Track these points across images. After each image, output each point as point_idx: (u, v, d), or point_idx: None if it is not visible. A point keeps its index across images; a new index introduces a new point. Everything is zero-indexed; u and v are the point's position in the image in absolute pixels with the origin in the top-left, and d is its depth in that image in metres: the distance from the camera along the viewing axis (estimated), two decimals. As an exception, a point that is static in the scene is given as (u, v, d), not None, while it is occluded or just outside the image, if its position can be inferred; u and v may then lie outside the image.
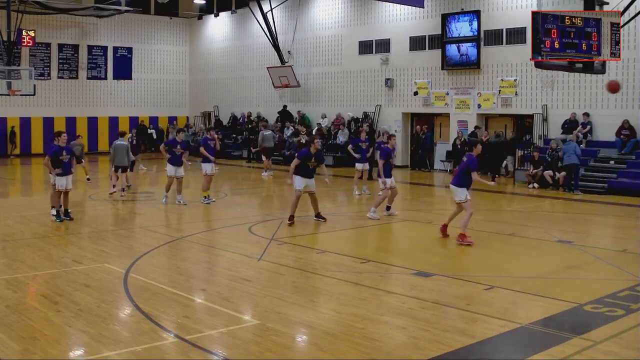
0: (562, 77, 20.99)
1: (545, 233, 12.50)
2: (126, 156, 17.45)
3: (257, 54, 32.37)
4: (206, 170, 16.30)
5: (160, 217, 14.79)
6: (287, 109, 30.13)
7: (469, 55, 23.48)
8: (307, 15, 29.85)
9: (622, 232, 13.19)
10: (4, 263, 9.95)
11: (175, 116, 36.13)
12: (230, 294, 8.42)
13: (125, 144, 17.84)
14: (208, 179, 16.35)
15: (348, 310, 7.62)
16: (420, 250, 11.38)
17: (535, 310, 7.64)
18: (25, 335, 6.72)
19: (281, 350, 6.40)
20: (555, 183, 19.35)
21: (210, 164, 16.32)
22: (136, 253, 10.67)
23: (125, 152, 17.46)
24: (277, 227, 12.95)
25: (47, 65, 32.42)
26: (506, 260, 10.58)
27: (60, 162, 13.25)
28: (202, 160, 16.46)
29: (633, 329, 7.00)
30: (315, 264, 10.08)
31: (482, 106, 23.59)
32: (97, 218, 14.60)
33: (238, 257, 10.40)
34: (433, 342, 6.56)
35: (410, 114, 26.36)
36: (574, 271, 9.83)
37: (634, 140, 19.43)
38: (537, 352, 6.34)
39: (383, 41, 26.60)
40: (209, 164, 16.29)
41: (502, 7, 22.77)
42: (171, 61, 36.66)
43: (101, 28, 33.89)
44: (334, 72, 28.78)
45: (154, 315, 7.34)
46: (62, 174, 13.29)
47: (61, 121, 32.16)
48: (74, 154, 14.53)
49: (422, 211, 15.89)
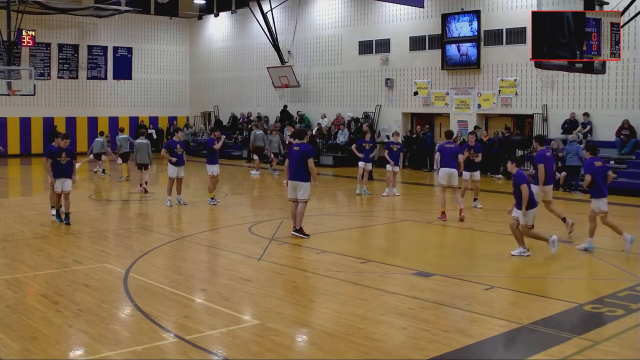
0: (562, 77, 20.98)
1: (545, 233, 12.47)
2: (147, 154, 18.33)
3: (257, 54, 32.37)
4: (212, 171, 16.01)
5: (160, 217, 14.79)
6: (287, 109, 30.14)
7: (469, 55, 23.49)
8: (307, 15, 29.85)
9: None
10: (4, 263, 9.95)
11: (175, 116, 36.13)
12: (230, 294, 8.42)
13: (145, 141, 18.77)
14: (214, 181, 16.10)
15: (348, 310, 7.62)
16: (420, 250, 11.38)
17: (535, 310, 7.64)
18: (25, 335, 6.72)
19: (281, 350, 6.40)
20: (555, 183, 19.32)
21: (216, 165, 16.03)
22: (136, 253, 10.67)
23: (146, 150, 18.39)
24: (277, 227, 12.94)
25: (47, 65, 32.41)
26: (506, 260, 10.57)
27: (58, 164, 12.93)
28: (208, 162, 16.17)
29: (633, 329, 6.99)
30: (315, 264, 10.09)
31: (482, 106, 23.59)
32: (97, 218, 14.60)
33: (238, 257, 10.40)
34: (433, 342, 6.56)
35: (410, 114, 26.36)
36: (574, 271, 9.83)
37: (634, 140, 19.44)
38: (537, 352, 6.34)
39: (383, 41, 26.60)
40: (215, 165, 16.02)
41: (502, 7, 22.77)
42: (171, 61, 36.66)
43: (101, 28, 33.89)
44: (334, 72, 28.78)
45: (154, 315, 7.34)
46: (60, 176, 12.97)
47: (61, 121, 32.17)
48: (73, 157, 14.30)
49: (422, 211, 15.88)
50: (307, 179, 11.56)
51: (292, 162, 11.66)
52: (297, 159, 11.51)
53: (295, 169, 11.55)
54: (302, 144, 11.71)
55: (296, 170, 11.55)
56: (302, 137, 12.03)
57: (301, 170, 11.51)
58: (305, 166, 11.48)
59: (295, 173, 11.57)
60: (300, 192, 11.53)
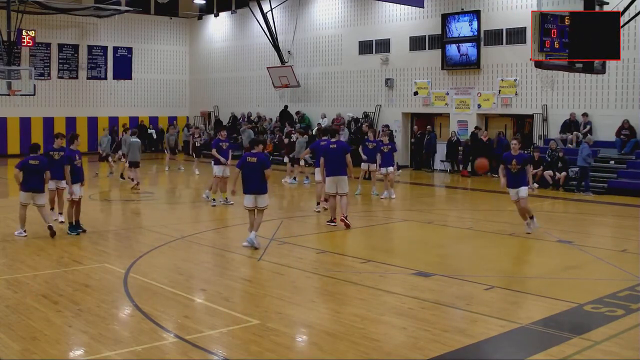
0: (562, 77, 20.98)
1: (545, 233, 12.49)
2: (138, 153, 18.62)
3: (257, 54, 32.36)
4: (216, 172, 15.61)
5: (160, 217, 14.79)
6: (287, 109, 30.13)
7: (469, 55, 23.48)
8: (307, 15, 29.84)
9: (622, 232, 13.18)
10: (4, 263, 9.95)
11: (175, 116, 36.11)
12: (230, 294, 8.42)
13: (138, 141, 19.04)
14: (216, 182, 15.63)
15: (348, 310, 7.62)
16: (420, 250, 11.38)
17: (535, 310, 7.64)
18: (25, 335, 6.72)
19: (281, 350, 6.40)
20: (555, 183, 19.35)
21: (222, 167, 15.56)
22: (136, 253, 10.67)
23: (138, 149, 18.65)
24: (277, 227, 12.94)
25: (47, 65, 32.40)
26: (506, 260, 10.58)
27: (74, 168, 12.15)
28: (214, 162, 15.72)
29: (633, 329, 6.99)
30: (315, 264, 10.08)
31: (482, 106, 23.58)
32: (97, 218, 14.59)
33: (238, 257, 10.40)
34: (433, 342, 6.56)
35: (410, 114, 26.36)
36: (574, 271, 9.82)
37: (634, 140, 19.43)
38: (537, 352, 6.34)
39: (383, 41, 26.59)
40: (220, 167, 15.57)
41: (502, 7, 22.76)
42: (171, 61, 36.65)
43: (101, 28, 33.88)
44: (334, 72, 28.78)
45: (154, 315, 7.34)
46: (75, 181, 12.16)
47: (61, 121, 32.17)
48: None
49: (422, 211, 15.88)
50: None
51: (247, 173, 10.76)
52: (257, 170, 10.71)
53: (252, 180, 10.78)
54: (257, 154, 10.91)
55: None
56: (255, 147, 11.17)
57: (259, 180, 10.78)
58: (262, 176, 10.75)
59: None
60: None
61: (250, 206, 10.83)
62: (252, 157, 10.81)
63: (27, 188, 11.83)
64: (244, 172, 10.78)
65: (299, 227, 13.39)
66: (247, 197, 10.82)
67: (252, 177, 10.72)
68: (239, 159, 11.02)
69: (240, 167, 10.74)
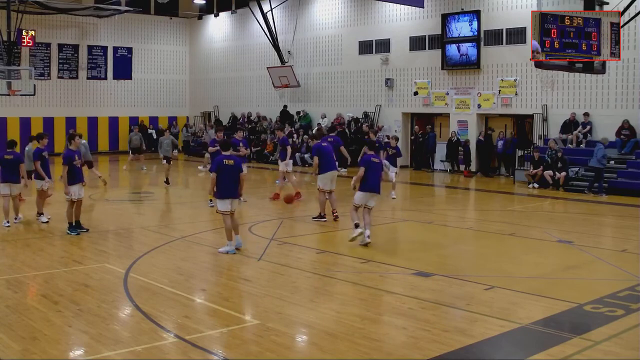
0: (562, 77, 20.98)
1: (546, 233, 12.50)
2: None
3: (257, 54, 32.36)
4: None
5: (160, 217, 14.79)
6: (287, 109, 30.14)
7: (469, 55, 23.47)
8: (307, 15, 29.84)
9: (622, 232, 13.19)
10: (4, 263, 9.95)
11: (175, 116, 36.11)
12: (230, 294, 8.42)
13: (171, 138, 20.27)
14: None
15: (348, 310, 7.62)
16: (420, 250, 11.37)
17: (535, 310, 7.64)
18: (25, 335, 6.72)
19: (281, 350, 6.40)
20: (555, 183, 19.35)
21: None
22: (136, 253, 10.67)
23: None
24: (277, 227, 12.94)
25: (47, 65, 32.39)
26: (506, 260, 10.57)
27: (74, 168, 12.00)
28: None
29: (633, 329, 7.00)
30: (315, 264, 10.09)
31: (482, 106, 23.58)
32: (97, 218, 14.58)
33: (238, 257, 10.40)
34: (433, 342, 6.56)
35: (410, 114, 26.36)
36: (574, 271, 9.82)
37: (634, 140, 19.42)
38: (537, 352, 6.34)
39: (383, 41, 26.59)
40: None
41: (502, 7, 22.76)
42: (171, 61, 36.64)
43: (101, 28, 33.87)
44: (334, 72, 28.77)
45: (154, 315, 7.34)
46: (75, 182, 12.02)
47: (61, 121, 32.16)
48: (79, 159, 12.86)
49: (422, 211, 15.88)
50: None
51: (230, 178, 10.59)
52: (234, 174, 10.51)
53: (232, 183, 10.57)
54: (231, 156, 10.73)
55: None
56: (227, 149, 10.90)
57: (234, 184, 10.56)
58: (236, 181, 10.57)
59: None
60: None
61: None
62: (229, 159, 10.59)
63: (4, 179, 12.80)
64: (221, 176, 10.47)
65: (299, 227, 13.39)
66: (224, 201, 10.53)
67: (229, 180, 10.48)
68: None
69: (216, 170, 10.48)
